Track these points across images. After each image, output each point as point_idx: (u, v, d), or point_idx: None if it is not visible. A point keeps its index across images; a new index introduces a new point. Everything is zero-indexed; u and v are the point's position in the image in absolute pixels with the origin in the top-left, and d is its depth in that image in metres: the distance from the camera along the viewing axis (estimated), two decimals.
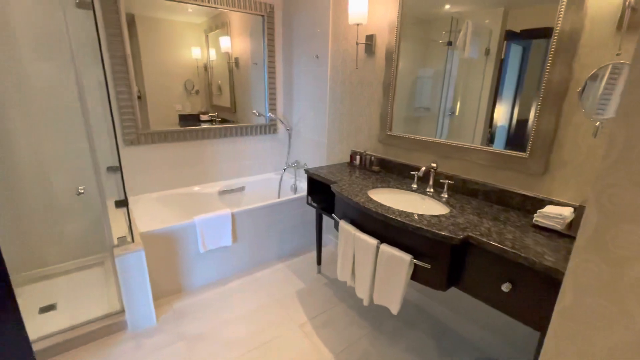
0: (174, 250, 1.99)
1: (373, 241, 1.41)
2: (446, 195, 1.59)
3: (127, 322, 1.77)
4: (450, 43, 1.64)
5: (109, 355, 1.61)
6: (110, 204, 2.10)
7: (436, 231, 1.21)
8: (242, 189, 2.88)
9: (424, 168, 1.57)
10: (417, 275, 1.33)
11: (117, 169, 1.87)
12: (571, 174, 1.26)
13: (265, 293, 2.10)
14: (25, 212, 2.03)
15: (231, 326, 1.82)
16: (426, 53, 1.76)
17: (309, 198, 2.13)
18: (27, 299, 1.92)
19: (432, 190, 1.66)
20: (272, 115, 2.93)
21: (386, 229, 1.41)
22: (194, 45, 2.50)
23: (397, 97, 1.93)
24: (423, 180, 1.83)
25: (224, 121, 2.77)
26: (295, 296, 2.07)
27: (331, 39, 2.33)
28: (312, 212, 2.59)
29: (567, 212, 1.19)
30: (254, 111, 2.87)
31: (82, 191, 1.82)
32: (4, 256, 1.08)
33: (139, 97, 2.32)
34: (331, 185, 1.74)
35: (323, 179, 1.91)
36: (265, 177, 3.02)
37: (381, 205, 1.45)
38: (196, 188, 2.68)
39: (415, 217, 1.34)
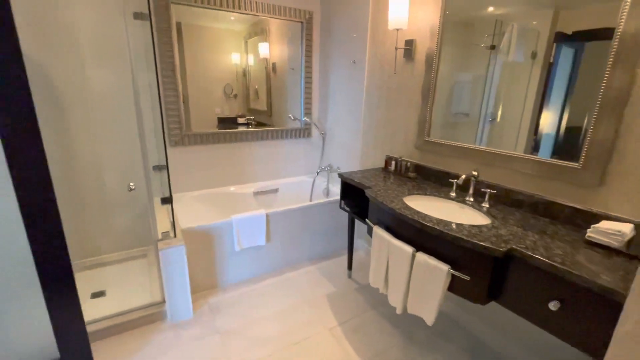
0: (211, 247, 2.08)
1: (408, 249, 1.39)
2: (487, 205, 1.53)
3: (166, 313, 1.88)
4: (493, 46, 1.58)
5: (150, 343, 1.71)
6: (156, 201, 2.25)
7: (477, 242, 1.16)
8: (275, 190, 2.94)
9: (464, 176, 1.52)
10: (454, 286, 1.28)
11: (163, 167, 1.99)
12: (633, 188, 1.16)
13: (296, 294, 2.13)
14: (82, 205, 2.23)
15: (263, 324, 1.86)
16: (467, 57, 1.71)
17: (342, 202, 2.14)
18: (81, 284, 2.09)
19: (472, 199, 1.60)
20: (307, 120, 2.98)
21: (422, 237, 1.38)
22: (234, 51, 2.62)
23: (436, 103, 1.88)
24: (462, 188, 1.76)
25: (259, 124, 2.86)
26: (325, 299, 2.08)
27: (369, 44, 2.33)
28: (343, 215, 2.59)
29: (627, 228, 1.10)
30: (290, 115, 2.93)
31: (133, 187, 1.96)
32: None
33: (183, 101, 2.46)
34: (365, 190, 1.73)
35: (357, 184, 1.91)
36: (298, 179, 3.07)
37: (417, 212, 1.43)
38: (232, 188, 2.78)
39: (454, 226, 1.30)
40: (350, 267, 2.31)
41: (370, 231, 1.74)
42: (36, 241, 1.14)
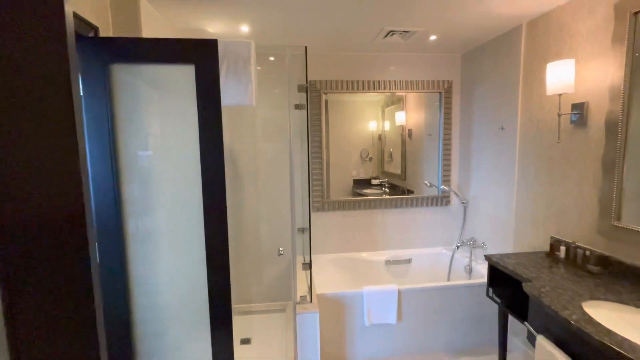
0: (342, 316, 2.09)
1: None
2: None
3: None
4: None
5: None
6: (298, 262, 2.49)
7: None
8: (408, 261, 2.79)
9: None
10: None
11: (306, 230, 2.23)
12: None
13: None
14: (242, 257, 2.68)
15: None
16: None
17: (490, 290, 1.81)
18: (234, 329, 2.44)
19: None
20: (446, 188, 2.81)
21: None
22: (371, 119, 2.85)
23: (627, 176, 1.46)
24: None
25: (393, 186, 2.88)
26: None
27: (521, 109, 2.09)
28: (492, 304, 2.18)
29: None
30: (426, 182, 2.84)
31: (282, 252, 2.25)
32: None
33: (325, 168, 2.77)
34: (524, 285, 1.42)
35: (511, 272, 1.60)
36: (434, 251, 2.84)
37: (610, 331, 1.05)
38: (364, 254, 2.81)
39: None
40: None
41: (531, 338, 1.39)
42: (212, 281, 1.45)
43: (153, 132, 1.48)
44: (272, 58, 2.65)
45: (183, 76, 1.39)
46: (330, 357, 2.12)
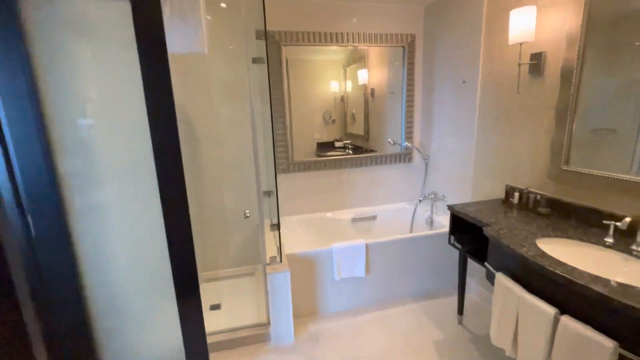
0: (312, 273, 2.11)
1: (549, 309, 1.12)
2: None
3: (270, 335, 1.96)
4: None
5: None
6: (265, 224, 2.43)
7: None
8: (373, 217, 2.87)
9: (629, 219, 1.17)
10: None
11: (272, 193, 2.16)
12: None
13: (398, 335, 1.97)
14: (205, 223, 2.56)
15: None
16: (615, 59, 1.38)
17: (452, 238, 1.91)
18: (202, 296, 2.38)
19: None
20: (409, 144, 2.85)
21: (568, 295, 1.09)
22: (333, 79, 2.73)
23: (577, 124, 1.54)
24: (624, 234, 1.36)
25: (356, 148, 2.87)
26: (432, 347, 1.86)
27: (482, 61, 2.10)
28: (451, 250, 2.32)
29: None
30: (389, 140, 2.85)
31: (248, 215, 2.17)
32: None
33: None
34: (484, 229, 1.50)
35: (472, 219, 1.69)
36: (397, 206, 2.93)
37: (560, 262, 1.15)
38: (330, 214, 2.82)
39: (614, 286, 0.99)
40: (460, 311, 2.03)
41: (490, 276, 1.49)
42: (174, 251, 1.34)
43: (88, 90, 1.25)
44: (223, 5, 2.37)
45: (118, 19, 1.17)
46: (303, 312, 2.16)
